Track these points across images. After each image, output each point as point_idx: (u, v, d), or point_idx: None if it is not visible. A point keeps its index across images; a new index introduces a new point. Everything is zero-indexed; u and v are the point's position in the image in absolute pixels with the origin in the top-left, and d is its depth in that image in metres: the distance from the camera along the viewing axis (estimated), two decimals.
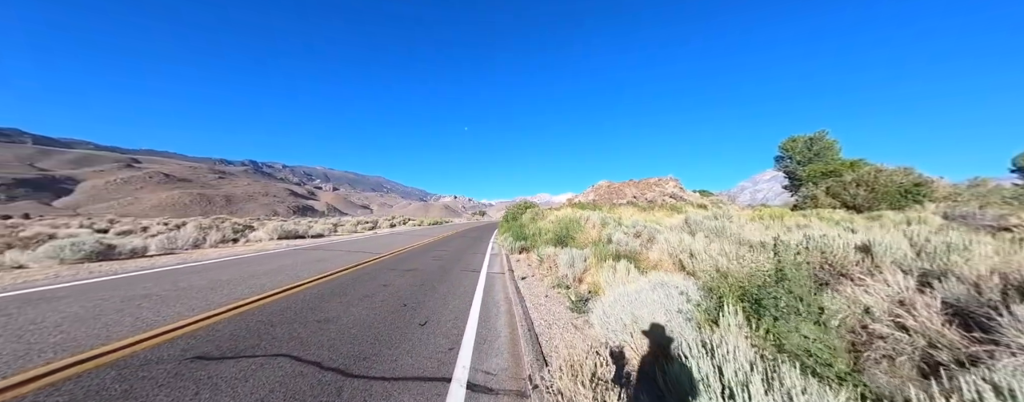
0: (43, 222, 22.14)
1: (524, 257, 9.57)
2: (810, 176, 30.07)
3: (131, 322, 3.17)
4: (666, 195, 30.84)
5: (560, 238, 10.30)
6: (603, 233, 10.45)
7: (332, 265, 6.82)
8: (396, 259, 8.13)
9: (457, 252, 10.13)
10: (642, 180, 38.78)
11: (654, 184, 35.54)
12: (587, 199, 40.06)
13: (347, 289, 4.84)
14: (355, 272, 6.20)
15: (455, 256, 9.20)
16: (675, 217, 18.68)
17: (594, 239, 10.01)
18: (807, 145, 33.41)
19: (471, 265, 7.81)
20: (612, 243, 8.94)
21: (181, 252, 8.21)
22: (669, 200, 29.27)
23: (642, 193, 32.93)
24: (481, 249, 11.38)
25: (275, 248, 9.76)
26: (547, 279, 6.36)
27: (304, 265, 6.68)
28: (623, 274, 4.60)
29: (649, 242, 8.25)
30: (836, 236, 4.16)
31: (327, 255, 8.26)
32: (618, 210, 20.65)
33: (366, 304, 4.09)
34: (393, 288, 5.04)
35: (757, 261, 3.34)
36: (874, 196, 19.16)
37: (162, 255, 7.83)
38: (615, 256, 7.10)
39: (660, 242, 6.61)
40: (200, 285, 4.63)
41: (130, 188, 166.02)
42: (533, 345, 3.07)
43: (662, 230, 8.28)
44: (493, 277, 6.58)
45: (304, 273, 5.84)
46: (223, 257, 7.60)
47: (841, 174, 24.99)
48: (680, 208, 25.35)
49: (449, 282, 5.81)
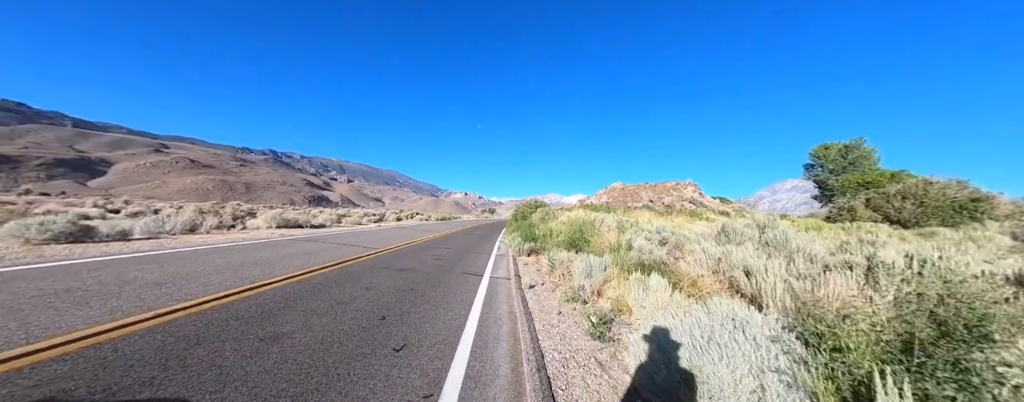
0: (59, 200, 22.64)
1: (533, 260, 8.66)
2: (845, 186, 28.01)
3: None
4: (685, 200, 29.30)
5: (573, 241, 9.35)
6: (622, 238, 9.44)
7: (317, 260, 6.09)
8: (392, 256, 7.36)
9: (460, 251, 9.32)
10: (658, 184, 37.21)
11: (672, 188, 33.97)
12: (600, 201, 38.80)
13: (321, 292, 4.05)
14: (340, 270, 5.44)
15: (457, 255, 8.38)
16: (698, 224, 17.41)
17: (612, 244, 9.01)
18: (842, 153, 31.22)
19: (473, 267, 6.97)
20: (633, 250, 7.94)
21: (165, 237, 7.68)
22: (688, 205, 27.77)
23: (659, 197, 31.44)
24: (486, 249, 10.53)
25: (267, 237, 9.16)
26: (560, 289, 5.44)
27: (286, 258, 5.97)
28: (660, 293, 3.63)
29: (677, 250, 7.21)
30: (956, 258, 3.08)
31: (317, 248, 7.57)
32: (633, 214, 19.46)
33: (335, 315, 3.27)
34: (376, 293, 4.22)
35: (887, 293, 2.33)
36: (923, 211, 17.36)
37: (145, 239, 7.30)
38: (641, 266, 6.11)
39: (695, 252, 5.57)
40: (149, 279, 3.92)
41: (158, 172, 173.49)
42: (544, 395, 2.17)
43: (691, 237, 7.22)
44: (497, 283, 5.70)
45: (280, 268, 5.10)
46: (205, 244, 7.00)
47: (881, 185, 23.03)
48: (701, 214, 23.92)
49: (445, 288, 4.96)
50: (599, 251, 8.60)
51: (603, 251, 8.65)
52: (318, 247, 7.70)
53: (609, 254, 7.95)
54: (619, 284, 5.08)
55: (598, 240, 9.63)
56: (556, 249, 8.70)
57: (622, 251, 7.71)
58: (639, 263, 6.41)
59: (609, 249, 8.52)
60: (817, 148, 33.29)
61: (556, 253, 7.44)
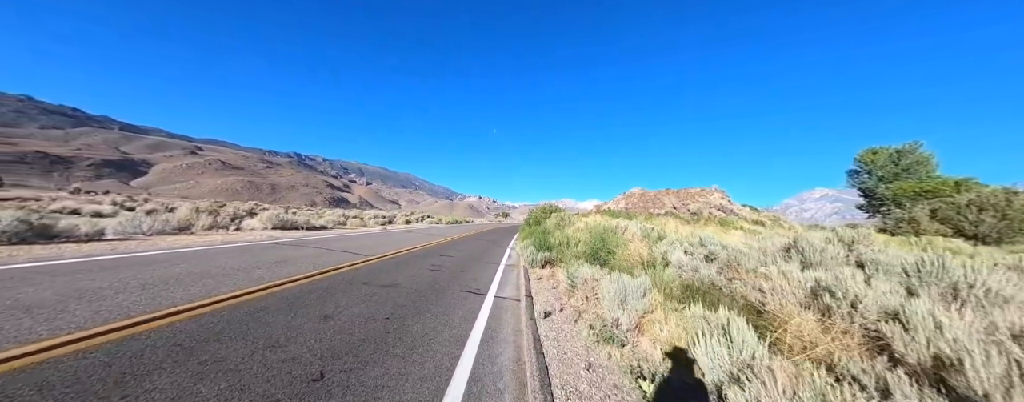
0: (79, 197, 23.33)
1: (548, 274, 7.38)
2: (898, 195, 25.08)
3: None
4: (713, 207, 27.12)
5: (595, 252, 8.00)
6: (654, 250, 8.01)
7: (289, 270, 5.07)
8: (382, 266, 6.28)
9: (464, 261, 8.16)
10: (682, 190, 35.03)
11: (696, 194, 31.76)
12: (618, 207, 36.95)
13: (255, 324, 2.96)
14: (306, 285, 4.38)
15: (460, 266, 7.22)
16: (733, 233, 15.58)
17: (643, 258, 7.60)
18: (893, 158, 28.19)
19: (476, 282, 5.77)
20: (671, 266, 6.53)
21: (139, 238, 6.95)
22: (717, 213, 25.62)
23: (684, 203, 29.36)
24: (495, 258, 9.33)
25: (254, 240, 8.34)
26: (584, 319, 4.15)
27: (250, 269, 4.97)
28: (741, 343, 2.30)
29: (732, 270, 5.75)
30: None
31: (300, 254, 6.60)
32: (656, 221, 17.78)
33: (243, 373, 2.14)
34: (334, 326, 3.09)
35: None
36: (1007, 224, 14.84)
37: (117, 240, 6.59)
38: (688, 290, 4.73)
39: (769, 276, 4.16)
40: (51, 299, 2.96)
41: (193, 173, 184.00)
42: None
43: (747, 252, 5.74)
44: (503, 307, 4.48)
45: (232, 283, 4.09)
46: (177, 248, 6.18)
47: (944, 195, 20.29)
48: (733, 223, 21.86)
49: (434, 314, 3.79)
50: (627, 266, 7.22)
51: (632, 266, 7.26)
52: (302, 253, 6.73)
53: (642, 271, 6.58)
54: (667, 318, 3.75)
55: (624, 252, 8.24)
56: (575, 261, 7.39)
57: (657, 267, 6.32)
58: (686, 286, 5.02)
59: (640, 264, 7.13)
60: (864, 153, 30.31)
61: (576, 267, 6.15)
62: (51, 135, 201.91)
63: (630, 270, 6.62)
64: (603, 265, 7.45)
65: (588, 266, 6.56)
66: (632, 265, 7.38)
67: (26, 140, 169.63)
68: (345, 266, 5.81)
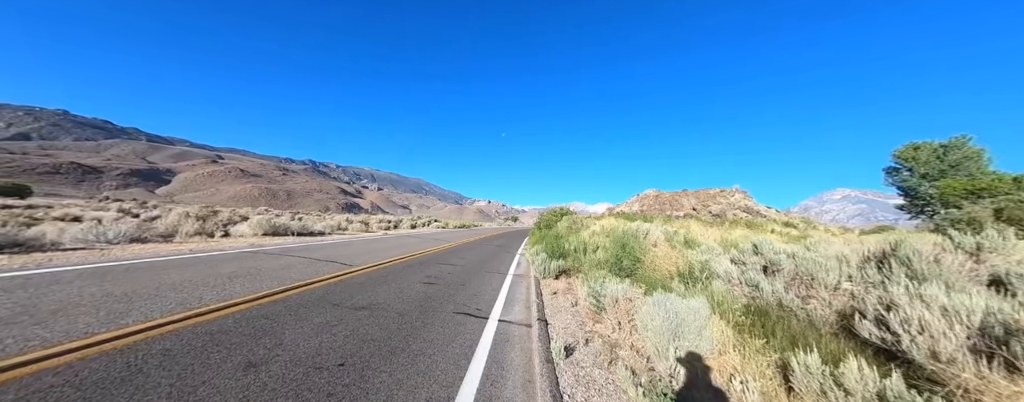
0: (89, 204, 23.55)
1: (564, 287, 6.23)
2: (946, 194, 22.74)
3: None
4: (736, 208, 25.34)
5: (618, 260, 6.81)
6: (690, 258, 6.76)
7: (249, 287, 4.12)
8: (366, 279, 5.29)
9: (466, 271, 7.10)
10: (701, 190, 33.23)
11: (716, 195, 29.96)
12: (631, 209, 35.37)
13: (148, 376, 1.97)
14: (261, 308, 3.40)
15: (460, 278, 6.16)
16: (766, 237, 14.02)
17: (678, 268, 6.37)
18: (937, 154, 25.84)
19: (477, 299, 4.70)
20: (716, 279, 5.30)
21: (100, 247, 6.18)
22: (742, 214, 23.87)
23: (704, 205, 27.65)
24: (502, 266, 8.24)
25: (236, 247, 7.52)
26: (622, 361, 3.00)
27: (199, 286, 4.04)
28: None
29: (801, 285, 4.54)
30: None
31: (274, 266, 5.67)
32: (675, 223, 16.34)
33: None
34: (263, 378, 2.07)
35: None
36: None
37: (70, 250, 5.83)
38: (757, 316, 3.54)
39: (896, 301, 2.94)
40: None
41: (214, 181, 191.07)
42: None
43: (824, 262, 4.45)
44: (509, 338, 3.38)
45: (164, 306, 3.14)
46: (126, 259, 5.34)
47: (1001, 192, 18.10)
48: (761, 225, 20.15)
49: (412, 355, 2.73)
50: (658, 277, 6.00)
51: (665, 278, 6.04)
52: (275, 264, 5.81)
53: (679, 284, 5.36)
54: (746, 363, 2.57)
55: (653, 260, 7.02)
56: (595, 271, 6.23)
57: (702, 281, 5.10)
58: (754, 310, 3.81)
59: (676, 276, 5.90)
60: (904, 149, 27.99)
61: (598, 280, 5.00)
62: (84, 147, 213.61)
63: (664, 283, 5.42)
64: (629, 276, 6.27)
65: (612, 278, 5.40)
66: (664, 276, 6.16)
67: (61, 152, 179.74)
68: (320, 280, 4.83)
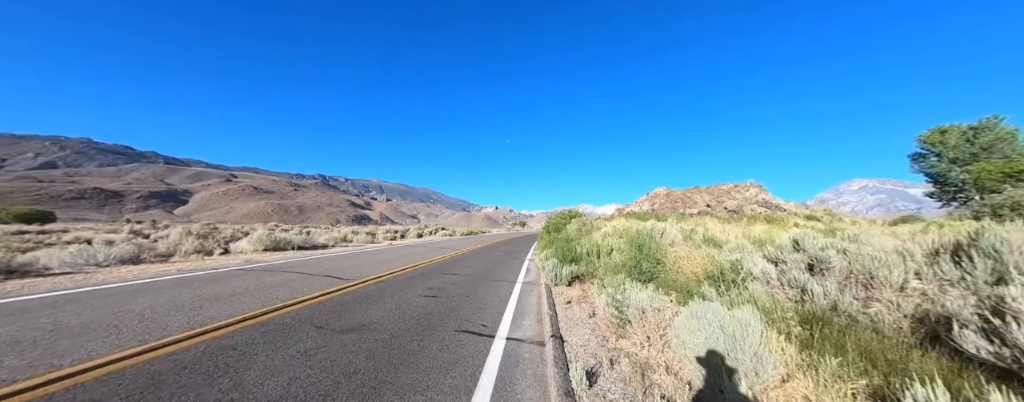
0: (102, 227, 23.95)
1: (578, 294, 5.66)
2: (981, 178, 21.34)
3: None
4: (753, 203, 24.30)
5: (637, 263, 6.22)
6: (717, 258, 6.12)
7: (227, 310, 3.71)
8: (362, 295, 4.84)
9: (472, 280, 6.59)
10: (713, 186, 32.19)
11: (729, 191, 28.89)
12: (642, 208, 34.46)
13: None
14: (234, 335, 2.97)
15: (465, 289, 5.66)
16: (790, 232, 13.21)
17: (703, 270, 5.75)
18: (966, 137, 24.46)
19: (482, 313, 4.18)
20: (753, 280, 4.69)
21: (89, 271, 5.89)
22: (759, 209, 22.83)
23: (718, 201, 26.64)
24: (510, 273, 7.70)
25: (231, 265, 7.20)
26: (657, 390, 2.42)
27: (173, 312, 3.65)
28: None
29: (856, 286, 3.95)
30: None
31: (264, 284, 5.28)
32: (691, 221, 15.57)
33: None
34: None
35: None
36: None
37: (58, 275, 5.55)
38: (812, 323, 2.95)
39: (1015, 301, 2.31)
40: None
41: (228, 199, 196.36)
42: None
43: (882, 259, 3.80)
44: (519, 361, 2.85)
45: (128, 335, 2.74)
46: (108, 283, 5.01)
47: None
48: (783, 220, 19.16)
49: (400, 391, 2.23)
50: (685, 281, 5.39)
51: (692, 281, 5.43)
52: (266, 282, 5.41)
53: (709, 287, 4.75)
54: (829, 396, 1.98)
55: (676, 261, 6.40)
56: (612, 276, 5.66)
57: (738, 285, 4.48)
58: (810, 317, 3.20)
59: (704, 279, 5.28)
60: (930, 133, 26.62)
61: (618, 286, 4.44)
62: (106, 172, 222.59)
63: (691, 288, 4.82)
64: (650, 280, 5.67)
65: (632, 283, 4.83)
66: (689, 279, 5.54)
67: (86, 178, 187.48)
68: (309, 298, 4.40)
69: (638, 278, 5.59)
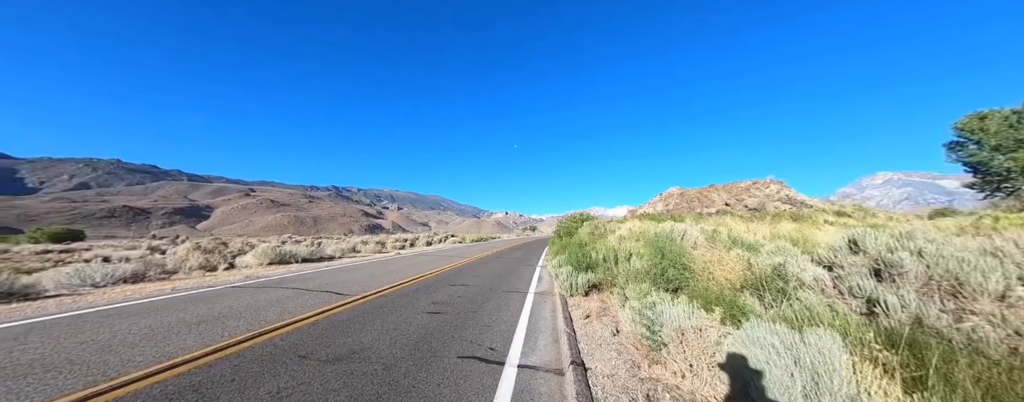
0: (122, 244, 24.62)
1: (597, 307, 5.08)
2: None
3: None
4: (776, 200, 23.07)
5: (661, 270, 5.60)
6: (754, 262, 5.46)
7: (210, 337, 3.34)
8: (358, 313, 4.41)
9: (481, 291, 6.10)
10: (731, 184, 30.94)
11: (747, 188, 27.63)
12: (656, 210, 33.39)
13: None
14: (208, 368, 2.56)
15: (472, 302, 5.16)
16: (824, 230, 12.26)
17: (738, 276, 5.11)
18: (1009, 122, 22.69)
19: (491, 333, 3.67)
20: (804, 289, 4.07)
21: (83, 292, 5.68)
22: (783, 206, 21.62)
23: (737, 199, 25.46)
24: (521, 282, 7.17)
25: (228, 281, 6.92)
26: None
27: (147, 341, 3.29)
28: None
29: (944, 294, 3.29)
30: None
31: (255, 303, 4.92)
32: (710, 221, 14.68)
33: None
34: None
35: None
36: None
37: (50, 298, 5.34)
38: (921, 355, 2.31)
39: None
40: None
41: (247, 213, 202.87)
42: None
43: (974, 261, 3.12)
44: (535, 396, 2.33)
45: (78, 374, 2.37)
46: (101, 305, 4.75)
47: None
48: (810, 218, 18.01)
49: None
50: (718, 289, 4.76)
51: (728, 288, 4.79)
52: (264, 299, 5.06)
53: (751, 297, 4.13)
54: None
55: (706, 267, 5.75)
56: (636, 285, 5.07)
57: (789, 295, 3.84)
58: (891, 335, 2.57)
59: (741, 286, 4.64)
60: (968, 119, 24.86)
61: (644, 298, 3.87)
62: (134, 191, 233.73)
63: (728, 297, 4.19)
64: (677, 289, 5.06)
65: (658, 293, 4.25)
66: (723, 287, 4.90)
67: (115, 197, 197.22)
68: (300, 320, 3.99)
69: (664, 286, 4.98)
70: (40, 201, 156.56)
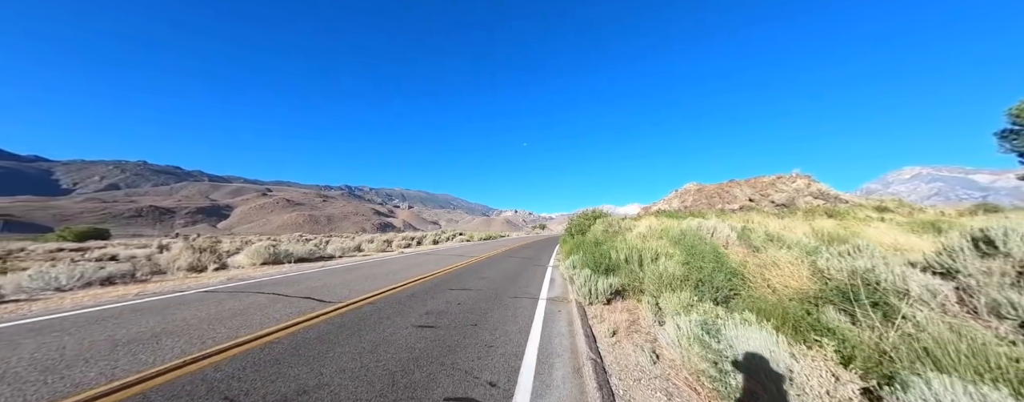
0: (132, 243, 24.94)
1: (625, 321, 4.13)
2: None
3: None
4: (807, 195, 21.37)
5: (709, 276, 4.62)
6: (827, 266, 4.40)
7: (142, 360, 2.60)
8: (332, 328, 3.61)
9: (484, 297, 5.23)
10: (753, 178, 29.13)
11: (775, 181, 25.84)
12: (672, 206, 31.87)
13: None
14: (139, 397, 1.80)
15: (472, 313, 4.30)
16: (874, 227, 10.95)
17: (801, 284, 4.08)
18: None
19: (490, 358, 2.79)
20: (907, 301, 3.03)
21: (44, 297, 5.11)
22: (816, 202, 19.95)
23: (762, 194, 23.80)
24: (531, 286, 6.25)
25: (204, 285, 6.29)
26: None
27: (66, 366, 2.57)
28: None
29: None
30: None
31: (223, 313, 4.20)
32: (733, 217, 13.38)
33: None
34: None
35: None
36: None
37: (10, 303, 4.79)
38: None
39: None
40: None
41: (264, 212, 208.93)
42: None
43: None
44: None
45: None
46: (53, 313, 4.13)
47: None
48: (848, 214, 16.43)
49: None
50: (778, 301, 3.75)
51: (794, 298, 3.78)
52: (232, 308, 4.34)
53: (838, 312, 3.13)
54: None
55: (759, 271, 4.72)
56: (672, 293, 4.11)
57: (899, 312, 2.81)
58: None
59: (816, 297, 3.62)
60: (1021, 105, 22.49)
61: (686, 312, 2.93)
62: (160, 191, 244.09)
63: (802, 314, 3.19)
64: (727, 299, 4.07)
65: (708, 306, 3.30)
66: (785, 297, 3.87)
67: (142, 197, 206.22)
68: (258, 337, 3.21)
69: (710, 296, 4.00)
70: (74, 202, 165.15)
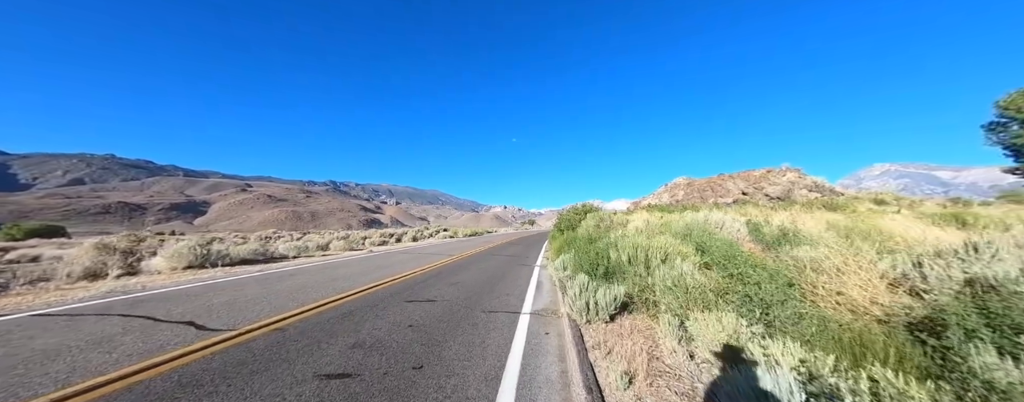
0: (65, 241, 22.47)
1: (642, 352, 2.86)
2: None
3: None
4: (801, 188, 20.82)
5: (755, 286, 3.39)
6: (906, 272, 3.20)
7: None
8: (185, 380, 2.22)
9: (448, 314, 3.88)
10: (744, 172, 28.66)
11: (766, 175, 25.35)
12: (662, 201, 31.21)
13: None
14: None
15: (422, 347, 2.97)
16: (892, 219, 10.09)
17: (875, 296, 2.87)
18: None
19: None
20: None
21: None
22: (812, 195, 19.39)
23: (756, 188, 23.22)
24: (512, 296, 4.92)
25: (72, 300, 4.76)
26: None
27: None
28: None
29: None
30: None
31: (30, 354, 2.74)
32: (728, 211, 12.41)
33: None
34: None
35: None
36: None
37: None
38: None
39: None
40: None
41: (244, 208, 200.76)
42: None
43: None
44: None
45: None
46: None
47: None
48: (847, 207, 15.81)
49: None
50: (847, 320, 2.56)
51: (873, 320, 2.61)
52: (33, 350, 2.88)
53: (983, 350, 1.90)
54: None
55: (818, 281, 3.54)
56: (707, 312, 2.88)
57: None
58: None
59: (912, 321, 2.45)
60: (1014, 96, 22.38)
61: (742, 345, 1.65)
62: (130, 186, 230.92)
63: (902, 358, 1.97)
64: (762, 319, 2.88)
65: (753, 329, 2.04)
66: (862, 315, 2.70)
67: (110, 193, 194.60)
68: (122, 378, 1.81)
69: (761, 314, 2.79)
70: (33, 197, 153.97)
